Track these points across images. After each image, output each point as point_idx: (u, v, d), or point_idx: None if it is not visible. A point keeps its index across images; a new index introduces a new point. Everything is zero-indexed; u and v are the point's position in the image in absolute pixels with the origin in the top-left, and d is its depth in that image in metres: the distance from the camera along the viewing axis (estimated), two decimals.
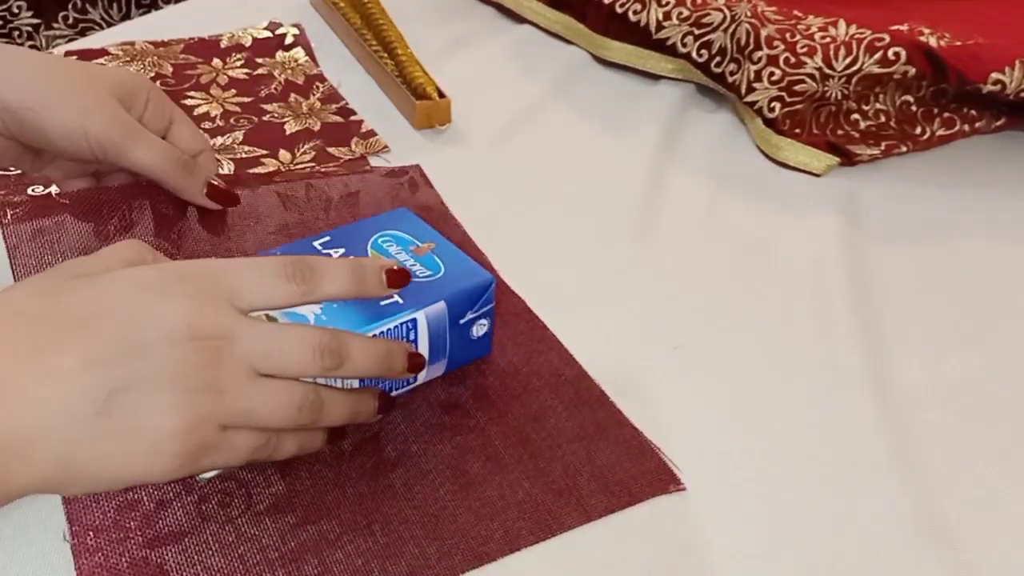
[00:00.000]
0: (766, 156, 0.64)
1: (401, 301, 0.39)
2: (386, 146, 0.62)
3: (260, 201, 0.51)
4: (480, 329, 0.42)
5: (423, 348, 0.40)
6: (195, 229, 0.48)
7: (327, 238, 0.42)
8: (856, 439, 0.42)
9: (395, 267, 0.36)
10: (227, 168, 0.58)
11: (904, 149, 0.64)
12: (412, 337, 0.39)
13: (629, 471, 0.39)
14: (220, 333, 0.31)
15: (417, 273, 0.40)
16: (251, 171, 0.58)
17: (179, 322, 0.30)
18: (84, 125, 0.42)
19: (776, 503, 0.39)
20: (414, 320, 0.38)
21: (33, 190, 0.54)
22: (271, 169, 0.58)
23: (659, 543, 0.37)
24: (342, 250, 0.41)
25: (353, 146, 0.62)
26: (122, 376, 0.29)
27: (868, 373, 0.46)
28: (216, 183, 0.47)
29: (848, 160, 0.63)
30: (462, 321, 0.41)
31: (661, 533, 0.37)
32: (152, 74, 0.68)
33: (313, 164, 0.59)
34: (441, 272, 0.41)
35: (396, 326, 0.38)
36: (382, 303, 0.38)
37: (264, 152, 0.60)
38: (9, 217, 0.51)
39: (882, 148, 0.64)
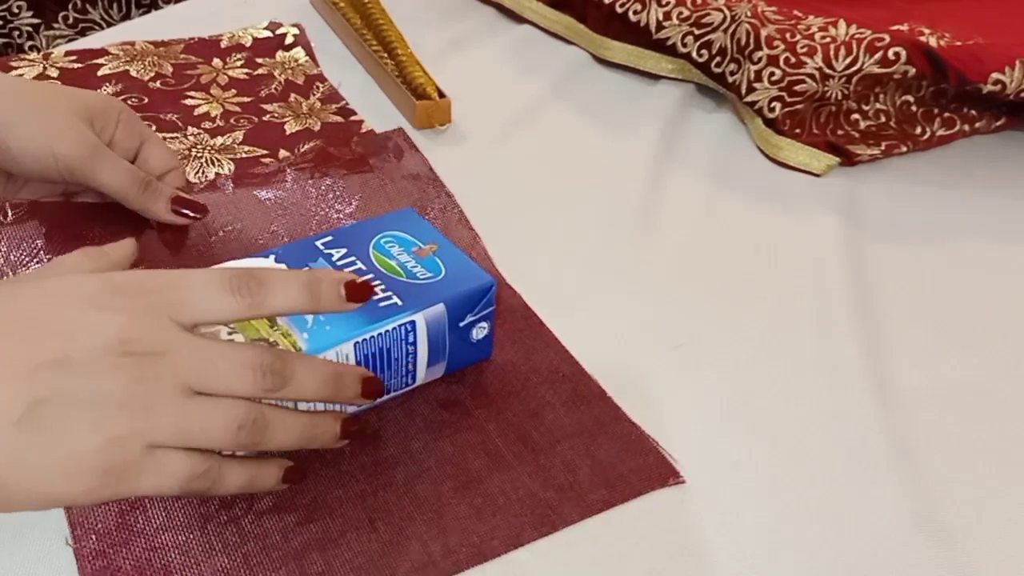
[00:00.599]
0: (766, 156, 0.64)
1: (400, 303, 0.39)
2: None
3: (242, 204, 0.51)
4: (480, 332, 0.42)
5: (422, 350, 0.40)
6: (174, 240, 0.49)
7: (329, 238, 0.42)
8: (856, 439, 0.42)
9: (356, 280, 0.34)
10: (227, 168, 0.58)
11: (904, 149, 0.64)
12: (411, 339, 0.39)
13: (628, 465, 0.39)
14: (153, 349, 0.30)
15: (418, 275, 0.40)
16: (250, 171, 0.58)
17: (111, 336, 0.29)
18: (51, 146, 0.43)
19: (776, 503, 0.39)
20: (412, 322, 0.38)
21: None
22: (270, 169, 0.58)
23: (659, 543, 0.37)
24: (344, 250, 0.41)
25: (353, 146, 0.62)
26: (46, 388, 0.28)
27: (868, 373, 0.46)
28: (181, 195, 0.48)
29: (848, 160, 0.63)
30: (462, 324, 0.40)
31: (661, 533, 0.37)
32: (152, 74, 0.68)
33: (313, 164, 0.59)
34: (442, 274, 0.40)
35: (394, 328, 0.38)
36: (380, 304, 0.38)
37: (264, 152, 0.60)
38: (10, 217, 0.51)
39: (882, 148, 0.64)
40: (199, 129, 0.62)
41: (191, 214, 0.47)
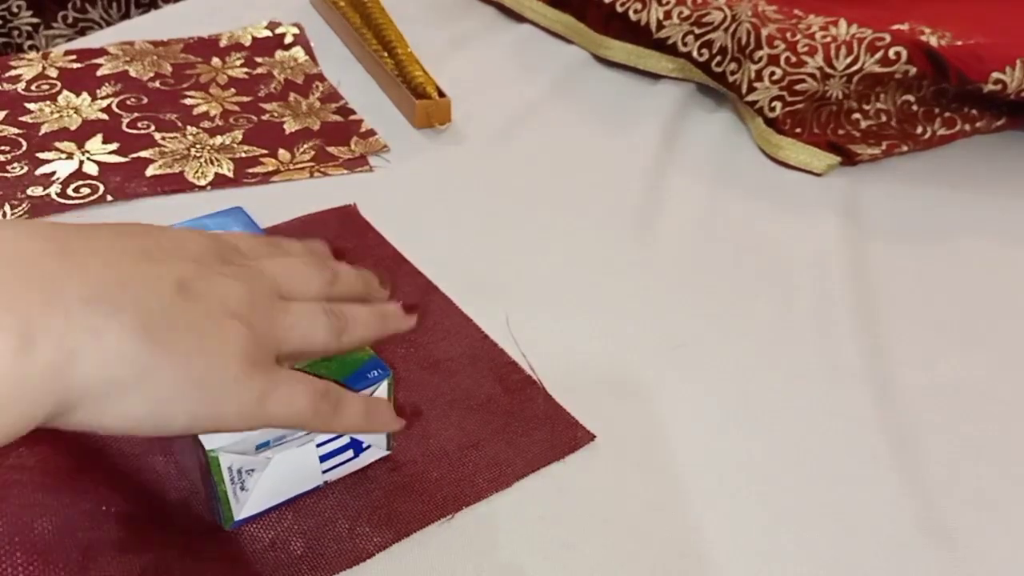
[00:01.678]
0: (766, 156, 0.64)
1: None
2: (386, 145, 0.62)
3: None
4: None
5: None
6: None
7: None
8: (856, 439, 0.42)
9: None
10: (227, 168, 0.58)
11: (905, 149, 0.64)
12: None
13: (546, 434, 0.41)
14: (248, 265, 0.31)
15: None
16: (250, 171, 0.58)
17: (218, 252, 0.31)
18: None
19: (776, 502, 0.39)
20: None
21: (32, 191, 0.54)
22: (270, 169, 0.58)
23: (659, 543, 0.37)
24: None
25: (353, 145, 0.62)
26: (190, 270, 0.28)
27: (868, 373, 0.46)
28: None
29: (849, 160, 0.63)
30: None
31: (663, 533, 0.37)
32: (152, 73, 0.68)
33: (312, 163, 0.59)
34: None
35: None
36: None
37: (263, 151, 0.60)
38: (10, 217, 0.51)
39: (883, 148, 0.64)
40: (198, 129, 0.62)
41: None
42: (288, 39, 0.74)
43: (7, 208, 0.51)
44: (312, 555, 0.34)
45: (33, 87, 0.65)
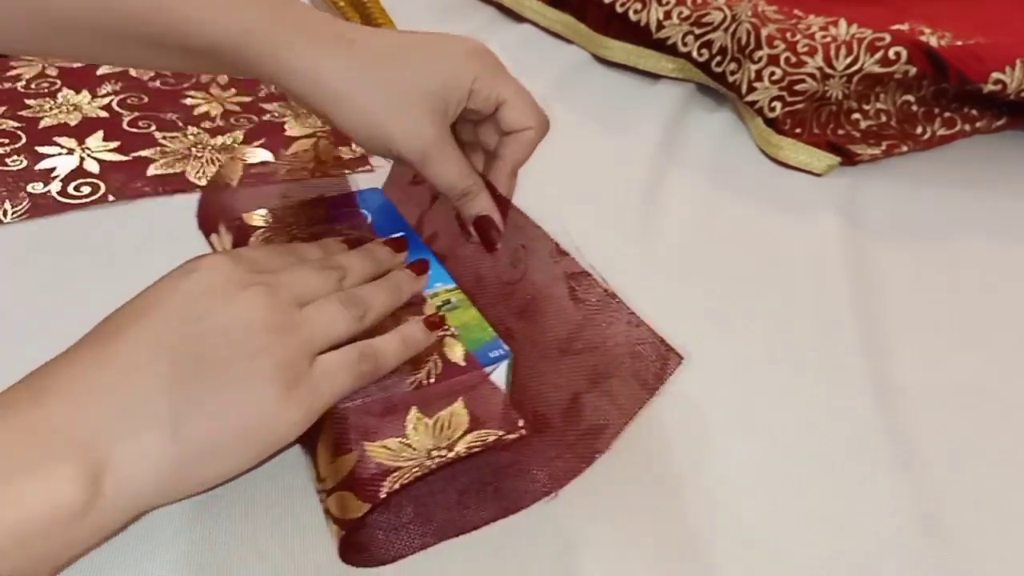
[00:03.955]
0: (766, 156, 0.64)
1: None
2: None
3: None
4: None
5: None
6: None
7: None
8: (856, 439, 0.42)
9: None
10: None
11: (905, 149, 0.64)
12: None
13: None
14: (267, 279, 0.34)
15: None
16: (250, 171, 0.58)
17: (223, 279, 0.33)
18: (386, 142, 0.39)
19: (776, 502, 0.39)
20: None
21: (33, 187, 0.54)
22: (271, 169, 0.58)
23: (659, 543, 0.37)
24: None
25: (353, 145, 0.62)
26: (197, 340, 0.30)
27: (868, 373, 0.46)
28: (484, 218, 0.43)
29: (849, 160, 0.63)
30: None
31: (663, 533, 0.37)
32: (152, 73, 0.68)
33: (313, 163, 0.59)
34: None
35: None
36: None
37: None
38: (10, 217, 0.51)
39: (883, 148, 0.64)
40: (199, 129, 0.62)
41: (475, 237, 0.43)
42: None
43: (7, 206, 0.51)
44: (421, 520, 0.36)
45: (33, 85, 0.65)
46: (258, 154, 0.49)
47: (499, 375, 0.37)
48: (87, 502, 0.27)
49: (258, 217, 0.44)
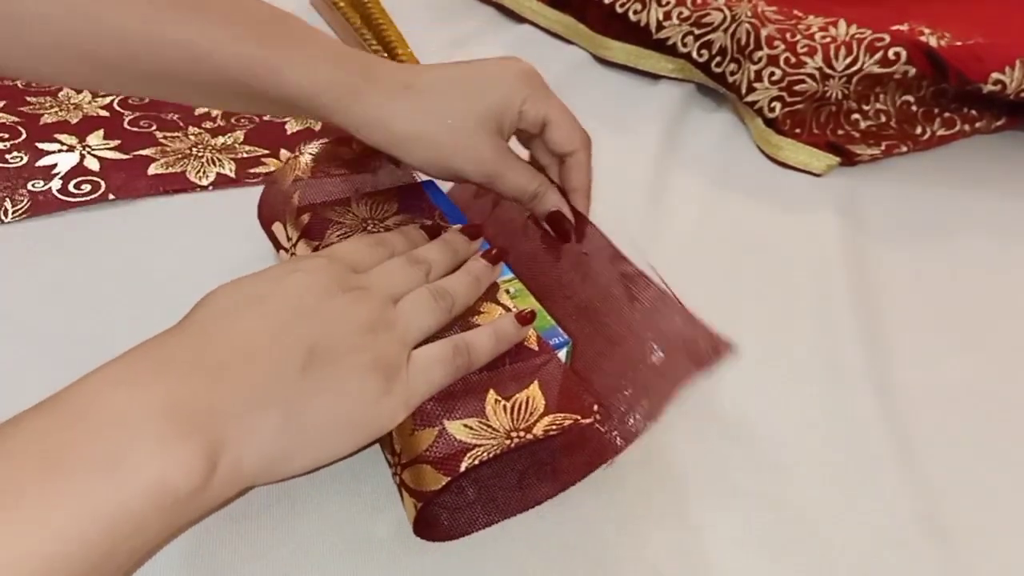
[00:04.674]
0: (766, 156, 0.64)
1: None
2: None
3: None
4: None
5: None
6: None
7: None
8: (856, 439, 0.42)
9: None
10: (228, 168, 0.58)
11: (904, 149, 0.64)
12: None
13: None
14: (359, 284, 0.35)
15: None
16: (252, 171, 0.58)
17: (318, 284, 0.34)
18: (450, 166, 0.43)
19: (776, 502, 0.39)
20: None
21: (33, 184, 0.54)
22: (272, 169, 0.58)
23: (659, 543, 0.37)
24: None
25: (354, 145, 0.62)
26: (309, 334, 0.31)
27: (868, 373, 0.46)
28: (557, 214, 0.45)
29: (848, 160, 0.63)
30: None
31: (663, 533, 0.37)
32: None
33: (314, 163, 0.59)
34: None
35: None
36: None
37: (265, 152, 0.60)
38: (10, 216, 0.51)
39: (882, 148, 0.64)
40: (200, 129, 0.62)
41: (551, 232, 0.46)
42: None
43: (8, 204, 0.51)
44: (484, 500, 0.37)
45: (33, 84, 0.65)
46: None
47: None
48: (205, 479, 0.27)
49: (333, 211, 0.44)
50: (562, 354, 0.38)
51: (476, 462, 0.32)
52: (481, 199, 0.50)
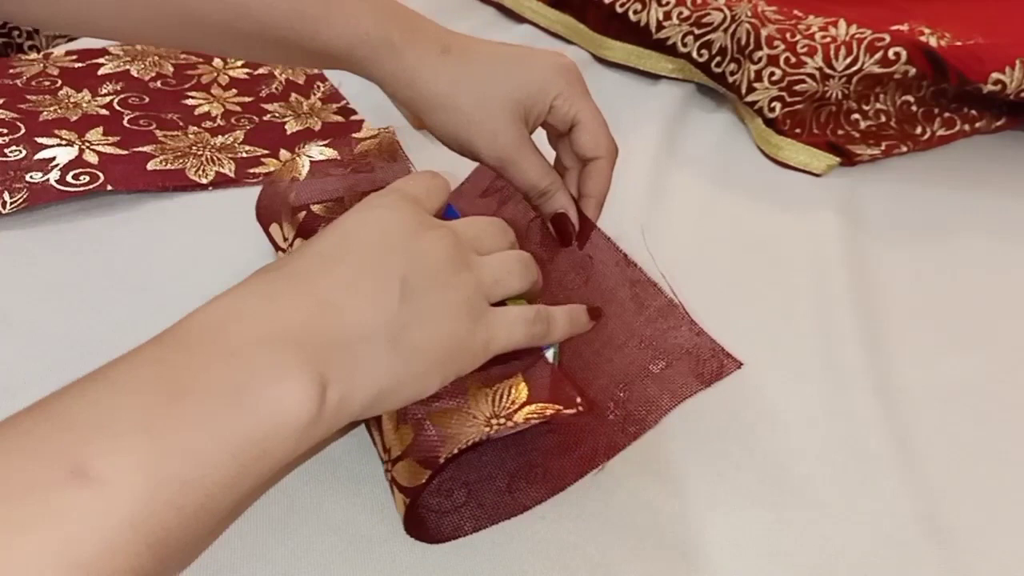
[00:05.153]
0: (766, 156, 0.64)
1: None
2: None
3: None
4: None
5: None
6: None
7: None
8: (856, 438, 0.42)
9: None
10: (228, 168, 0.58)
11: (904, 149, 0.64)
12: None
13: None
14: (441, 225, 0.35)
15: None
16: (251, 171, 0.58)
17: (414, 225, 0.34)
18: (471, 144, 0.43)
19: (776, 502, 0.39)
20: None
21: (32, 176, 0.54)
22: (272, 169, 0.58)
23: (661, 543, 0.37)
24: None
25: (354, 145, 0.62)
26: (406, 266, 0.31)
27: (868, 373, 0.46)
28: (561, 216, 0.45)
29: (848, 160, 0.63)
30: None
31: (662, 533, 0.37)
32: (153, 74, 0.68)
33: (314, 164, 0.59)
34: None
35: None
36: None
37: (265, 152, 0.60)
38: (8, 208, 0.51)
39: (882, 148, 0.64)
40: (200, 129, 0.62)
41: (554, 234, 0.45)
42: None
43: (6, 195, 0.51)
44: (473, 504, 0.37)
45: (34, 83, 0.65)
46: (325, 152, 0.49)
47: (548, 357, 0.38)
48: (319, 408, 0.27)
49: (328, 209, 0.44)
50: (549, 354, 0.38)
51: (456, 451, 0.32)
52: (488, 197, 0.50)
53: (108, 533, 0.22)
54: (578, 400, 0.35)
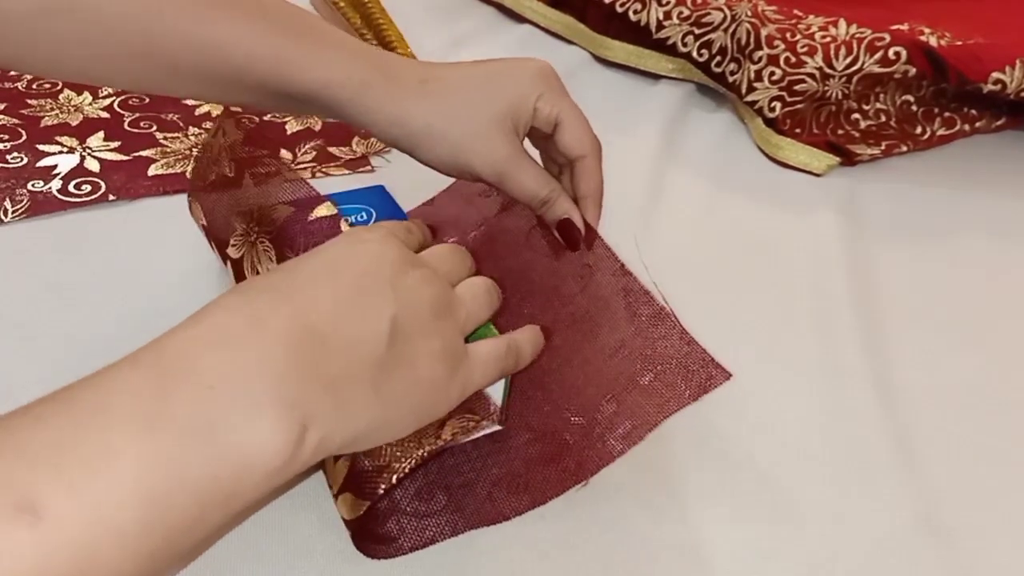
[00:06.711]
0: (766, 156, 0.64)
1: None
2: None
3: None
4: None
5: None
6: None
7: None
8: (856, 439, 0.42)
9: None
10: (227, 168, 0.58)
11: (904, 149, 0.64)
12: None
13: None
14: (420, 264, 0.34)
15: None
16: (251, 170, 0.58)
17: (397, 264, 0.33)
18: (463, 163, 0.42)
19: (776, 502, 0.39)
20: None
21: (33, 185, 0.54)
22: (271, 169, 0.58)
23: (660, 543, 0.37)
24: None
25: (354, 146, 0.62)
26: (395, 304, 0.31)
27: (868, 373, 0.46)
28: (566, 221, 0.45)
29: (848, 160, 0.63)
30: None
31: (662, 533, 0.37)
32: None
33: (314, 164, 0.59)
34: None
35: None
36: None
37: (264, 152, 0.60)
38: (10, 216, 0.51)
39: (882, 148, 0.64)
40: (200, 129, 0.62)
41: (560, 239, 0.45)
42: None
43: (7, 204, 0.51)
44: (453, 509, 0.37)
45: (34, 86, 0.65)
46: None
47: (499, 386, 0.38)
48: (294, 451, 0.27)
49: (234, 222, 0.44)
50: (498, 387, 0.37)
51: (394, 480, 0.32)
52: (488, 199, 0.50)
53: (48, 574, 0.21)
54: (494, 412, 0.36)
